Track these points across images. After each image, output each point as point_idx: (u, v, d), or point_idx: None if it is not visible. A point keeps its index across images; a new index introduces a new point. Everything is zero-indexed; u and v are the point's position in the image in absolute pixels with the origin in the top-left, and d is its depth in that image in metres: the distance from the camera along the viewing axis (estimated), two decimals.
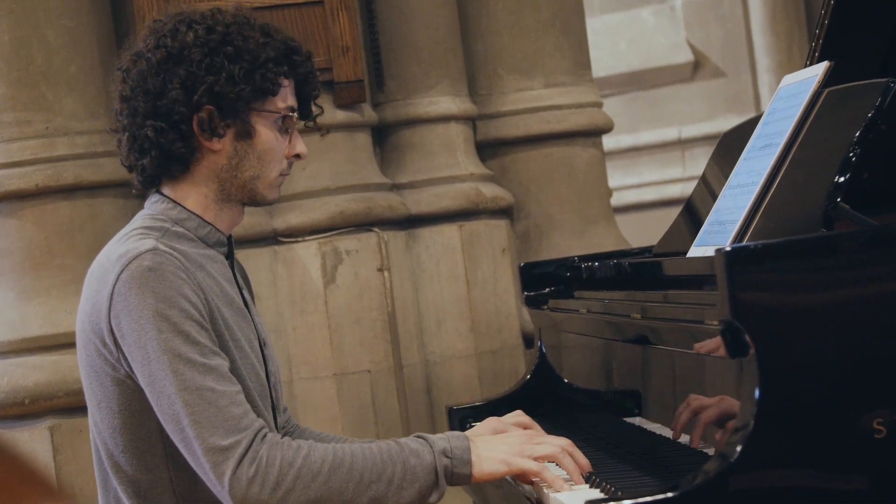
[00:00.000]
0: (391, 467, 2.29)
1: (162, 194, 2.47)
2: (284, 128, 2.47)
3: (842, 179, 2.36)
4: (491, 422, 2.53)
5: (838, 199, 2.35)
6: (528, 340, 4.22)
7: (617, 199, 5.59)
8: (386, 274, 4.07)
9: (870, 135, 2.39)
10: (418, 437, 2.36)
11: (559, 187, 4.47)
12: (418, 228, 4.24)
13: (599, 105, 4.61)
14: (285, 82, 2.46)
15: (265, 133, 2.44)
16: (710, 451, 2.24)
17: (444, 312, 4.20)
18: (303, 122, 2.55)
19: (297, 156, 2.50)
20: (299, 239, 4.03)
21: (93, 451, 2.46)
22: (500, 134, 4.46)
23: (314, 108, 2.56)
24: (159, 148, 2.41)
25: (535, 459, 2.34)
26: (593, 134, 4.56)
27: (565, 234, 4.44)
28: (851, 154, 2.37)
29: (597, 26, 7.95)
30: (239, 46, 2.41)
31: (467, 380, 4.18)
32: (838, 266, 2.13)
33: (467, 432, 2.48)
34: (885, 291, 2.12)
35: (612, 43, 8.42)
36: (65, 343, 3.84)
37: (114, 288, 2.30)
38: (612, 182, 5.20)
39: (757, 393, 2.04)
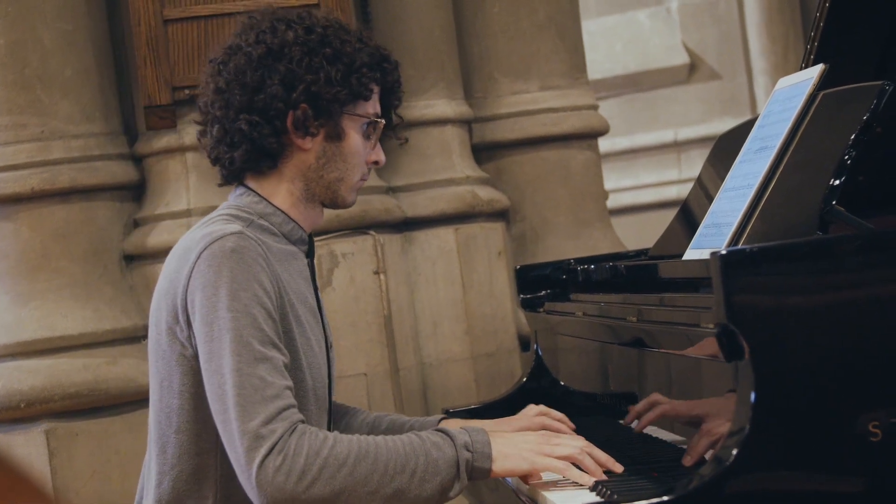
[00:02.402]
0: (414, 459, 2.30)
1: (247, 188, 2.50)
2: (367, 134, 2.51)
3: (837, 182, 2.36)
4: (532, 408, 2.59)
5: (834, 202, 2.35)
6: (525, 343, 4.22)
7: (613, 202, 5.59)
8: (382, 277, 4.07)
9: (865, 137, 2.39)
10: (438, 430, 2.38)
11: (555, 190, 4.46)
12: (414, 231, 4.24)
13: (595, 107, 4.61)
14: (375, 88, 2.51)
15: (353, 136, 2.49)
16: (707, 455, 2.23)
17: (441, 315, 4.20)
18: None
19: (376, 163, 2.55)
20: None
21: (148, 437, 2.48)
22: (496, 137, 4.46)
23: (395, 118, 2.60)
24: (251, 142, 2.45)
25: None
26: (589, 136, 4.56)
27: (561, 237, 4.44)
28: (847, 157, 2.38)
29: (592, 28, 7.96)
30: (337, 49, 2.46)
31: (463, 383, 4.18)
32: (834, 269, 2.12)
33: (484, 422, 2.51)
34: (881, 294, 2.12)
35: (608, 45, 8.42)
36: (60, 347, 3.83)
37: (194, 265, 2.33)
38: (608, 184, 5.20)
39: (752, 396, 2.04)
